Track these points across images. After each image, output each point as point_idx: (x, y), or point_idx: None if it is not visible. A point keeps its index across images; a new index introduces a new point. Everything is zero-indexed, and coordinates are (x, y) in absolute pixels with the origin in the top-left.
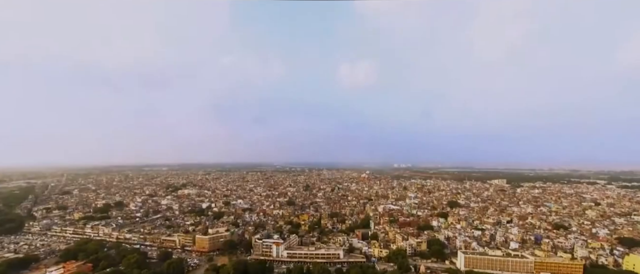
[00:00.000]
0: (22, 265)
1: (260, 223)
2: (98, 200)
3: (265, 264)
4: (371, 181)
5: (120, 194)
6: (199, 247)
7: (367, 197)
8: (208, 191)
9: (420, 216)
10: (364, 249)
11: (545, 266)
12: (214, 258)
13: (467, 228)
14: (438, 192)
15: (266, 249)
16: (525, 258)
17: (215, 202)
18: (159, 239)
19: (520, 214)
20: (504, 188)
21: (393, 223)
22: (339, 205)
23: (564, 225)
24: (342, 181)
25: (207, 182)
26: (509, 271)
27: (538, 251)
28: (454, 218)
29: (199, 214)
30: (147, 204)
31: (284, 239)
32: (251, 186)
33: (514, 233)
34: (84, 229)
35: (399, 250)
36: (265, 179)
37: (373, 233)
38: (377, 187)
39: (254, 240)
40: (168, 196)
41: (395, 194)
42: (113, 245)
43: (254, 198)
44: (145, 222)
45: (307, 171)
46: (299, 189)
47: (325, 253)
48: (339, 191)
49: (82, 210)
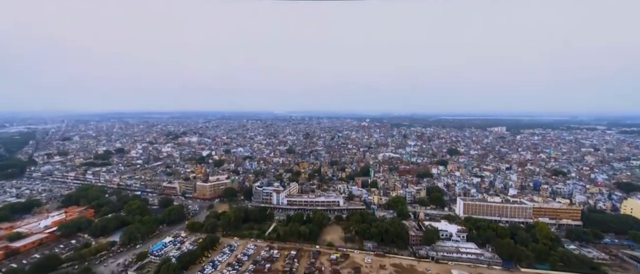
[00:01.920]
0: (25, 209)
1: (260, 171)
2: (99, 147)
3: (265, 211)
4: (371, 129)
5: (120, 141)
6: (200, 194)
7: (366, 146)
8: (208, 139)
9: (419, 164)
10: (364, 197)
11: (544, 212)
12: (214, 205)
13: (467, 175)
14: (438, 140)
15: (266, 197)
16: (524, 204)
17: (215, 150)
18: (159, 186)
19: (519, 160)
20: (504, 135)
21: (393, 171)
22: (339, 153)
23: (562, 171)
24: (342, 130)
25: (208, 130)
26: (507, 217)
27: (537, 197)
28: (454, 165)
29: (200, 161)
30: (148, 152)
31: (284, 187)
32: (251, 134)
33: (513, 180)
34: (85, 175)
35: (398, 197)
36: (265, 128)
37: (373, 181)
38: (377, 136)
39: (255, 188)
40: (169, 144)
41: (395, 142)
42: (114, 191)
43: (254, 146)
44: (146, 169)
45: (307, 120)
46: (299, 137)
47: (325, 200)
48: (339, 139)
49: (83, 156)
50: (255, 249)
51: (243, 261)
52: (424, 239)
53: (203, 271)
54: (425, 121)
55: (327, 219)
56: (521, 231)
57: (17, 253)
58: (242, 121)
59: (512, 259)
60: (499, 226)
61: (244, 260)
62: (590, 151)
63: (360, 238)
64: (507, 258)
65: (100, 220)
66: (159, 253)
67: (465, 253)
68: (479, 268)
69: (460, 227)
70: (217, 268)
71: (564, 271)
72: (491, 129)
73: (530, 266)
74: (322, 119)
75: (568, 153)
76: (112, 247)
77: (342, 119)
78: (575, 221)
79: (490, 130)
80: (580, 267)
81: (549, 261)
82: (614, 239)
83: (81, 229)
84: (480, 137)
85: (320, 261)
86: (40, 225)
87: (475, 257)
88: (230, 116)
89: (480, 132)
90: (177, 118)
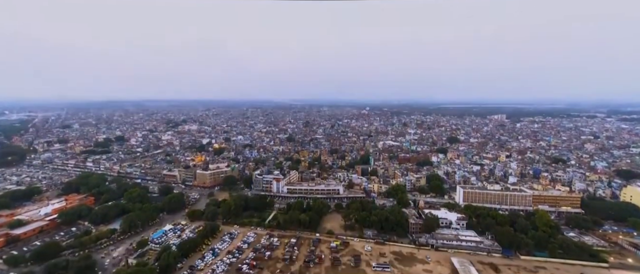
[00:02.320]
0: (25, 197)
1: (260, 159)
2: (99, 134)
3: (265, 199)
4: (371, 117)
5: (120, 129)
6: (200, 182)
7: (367, 134)
8: (208, 127)
9: (419, 152)
10: (364, 185)
11: (544, 199)
12: (214, 193)
13: (466, 163)
14: (438, 128)
15: (266, 185)
16: (524, 192)
17: (215, 138)
18: (160, 174)
19: (519, 148)
20: (504, 123)
21: (393, 159)
22: (339, 141)
23: (562, 159)
24: (342, 118)
25: (208, 118)
26: (507, 204)
27: (536, 185)
28: (453, 153)
29: (200, 149)
30: (148, 139)
31: (284, 175)
32: (251, 123)
33: (512, 167)
34: (85, 163)
35: (398, 185)
36: (265, 116)
37: (373, 169)
38: (377, 124)
39: (255, 176)
40: (168, 132)
41: (395, 131)
42: (114, 179)
43: (254, 134)
44: (146, 157)
45: (307, 108)
46: (299, 125)
47: (325, 188)
48: (339, 127)
49: (83, 144)
50: (255, 237)
51: (243, 248)
52: (423, 227)
53: (203, 259)
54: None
55: (327, 207)
56: (521, 219)
57: (18, 240)
58: (242, 109)
59: (511, 247)
60: (499, 213)
61: (244, 248)
62: (590, 138)
63: (360, 226)
64: (506, 246)
65: (100, 208)
66: (159, 240)
67: (465, 241)
68: (478, 255)
69: (460, 215)
70: (218, 255)
71: (563, 259)
72: (491, 117)
73: (530, 253)
74: (323, 107)
75: (568, 141)
76: (112, 234)
77: (342, 107)
78: (574, 208)
79: (490, 118)
80: (580, 254)
81: (549, 248)
82: (614, 226)
83: (81, 216)
84: (480, 125)
85: (320, 249)
86: (40, 212)
87: (475, 245)
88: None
89: (480, 120)
90: (177, 106)
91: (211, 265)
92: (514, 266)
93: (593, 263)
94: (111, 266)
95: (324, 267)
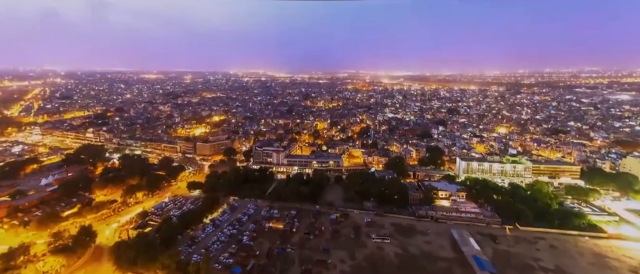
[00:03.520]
0: (25, 167)
1: (260, 131)
2: (98, 106)
3: (265, 171)
4: (371, 87)
5: (121, 100)
6: (200, 154)
7: (367, 106)
8: (208, 98)
9: (419, 124)
10: (364, 157)
11: (543, 171)
12: (215, 165)
13: (466, 135)
14: (438, 100)
15: (266, 157)
16: (524, 163)
17: (215, 110)
18: (159, 146)
19: (519, 120)
20: (504, 95)
21: (393, 131)
22: (339, 114)
23: (562, 130)
24: (342, 90)
25: (208, 89)
26: (507, 176)
27: (536, 156)
28: (453, 125)
29: (200, 121)
30: (148, 111)
31: (285, 147)
32: (252, 95)
33: (513, 139)
34: (85, 134)
35: (398, 158)
36: (265, 88)
37: (373, 141)
38: (378, 96)
39: (255, 148)
40: (168, 103)
41: (395, 102)
42: (114, 150)
43: (254, 107)
44: (146, 128)
45: (307, 80)
46: (300, 97)
47: (325, 160)
48: (339, 99)
49: (83, 115)
50: (255, 208)
51: (243, 221)
52: (423, 199)
53: (204, 230)
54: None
55: (327, 179)
56: (520, 190)
57: (18, 211)
58: (242, 82)
59: (511, 218)
60: (498, 185)
61: (244, 220)
62: (590, 109)
63: (360, 198)
64: (506, 217)
65: (100, 179)
66: (159, 212)
67: (464, 212)
68: (478, 226)
69: (459, 186)
70: (218, 227)
71: (562, 229)
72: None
73: (529, 224)
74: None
75: (568, 112)
76: (112, 205)
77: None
78: (574, 179)
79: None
80: (579, 224)
81: (548, 219)
82: (613, 196)
83: (82, 187)
84: (480, 96)
85: (320, 221)
86: (41, 183)
87: (475, 216)
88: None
89: (480, 91)
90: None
91: (212, 236)
92: (513, 236)
93: (592, 233)
94: (112, 236)
95: (324, 238)
